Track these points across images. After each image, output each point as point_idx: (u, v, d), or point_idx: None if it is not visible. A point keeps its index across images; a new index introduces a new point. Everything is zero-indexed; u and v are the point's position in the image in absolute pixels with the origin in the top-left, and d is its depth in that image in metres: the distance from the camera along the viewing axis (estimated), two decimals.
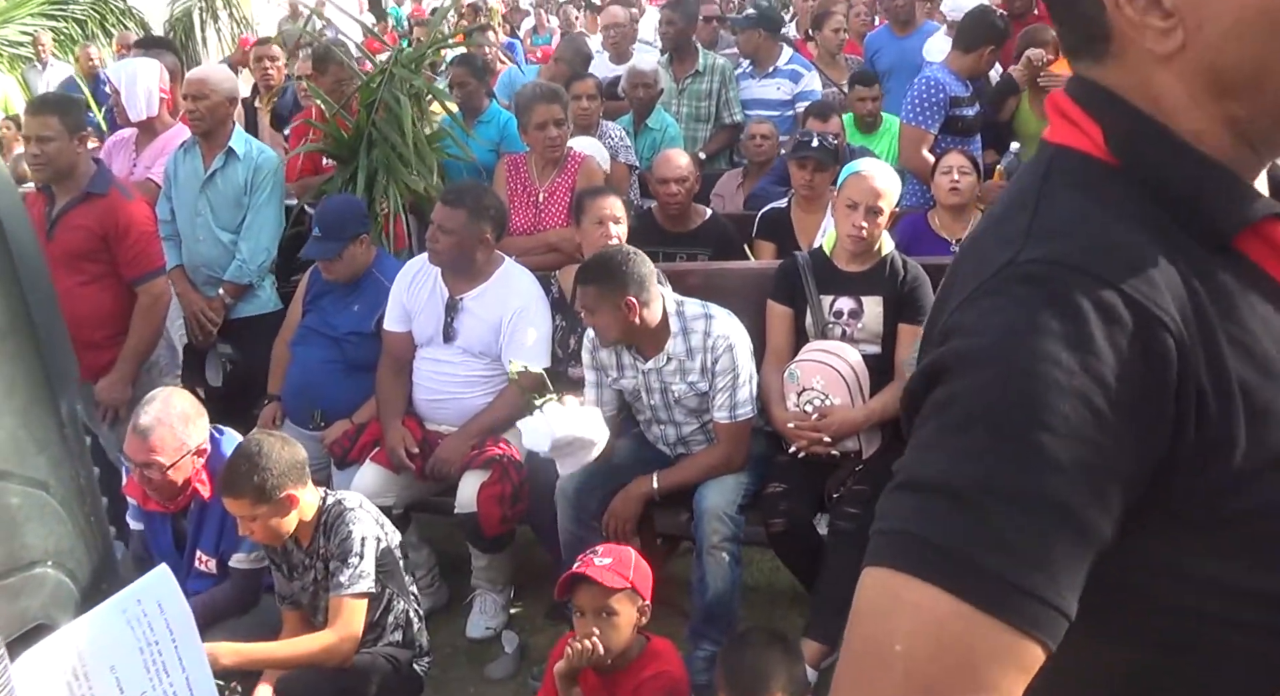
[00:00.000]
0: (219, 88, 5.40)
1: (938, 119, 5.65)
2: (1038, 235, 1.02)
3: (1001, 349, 0.97)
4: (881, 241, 4.27)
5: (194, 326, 5.35)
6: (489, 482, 4.30)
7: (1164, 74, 1.05)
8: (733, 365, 4.01)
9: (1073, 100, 1.12)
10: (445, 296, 4.60)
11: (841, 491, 4.06)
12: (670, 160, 5.48)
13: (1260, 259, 1.05)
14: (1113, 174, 1.07)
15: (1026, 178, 1.14)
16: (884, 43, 7.86)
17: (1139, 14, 1.02)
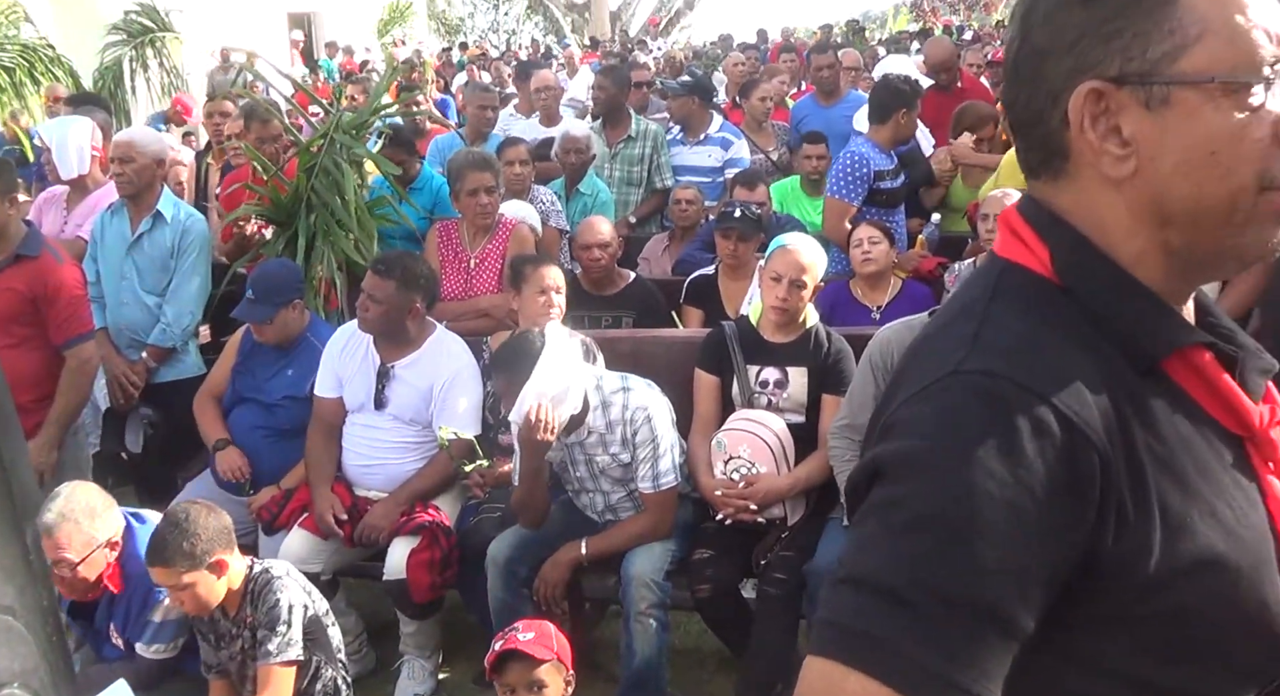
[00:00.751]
0: (146, 150, 5.39)
1: (861, 192, 5.78)
2: (981, 347, 1.11)
3: (941, 456, 1.05)
4: (806, 313, 4.38)
5: (115, 390, 5.30)
6: (418, 549, 4.31)
7: (1113, 197, 1.16)
8: (652, 435, 4.07)
9: (1024, 219, 1.22)
10: (377, 363, 4.63)
11: (768, 558, 4.14)
12: (592, 227, 5.58)
13: (1184, 383, 1.14)
14: (1056, 294, 1.16)
15: (974, 289, 1.23)
16: (810, 111, 8.07)
17: (1100, 139, 1.14)
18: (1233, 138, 1.10)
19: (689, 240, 6.44)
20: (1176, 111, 1.11)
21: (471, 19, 40.87)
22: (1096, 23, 1.13)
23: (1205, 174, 1.11)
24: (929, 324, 1.28)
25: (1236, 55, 1.10)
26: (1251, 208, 1.12)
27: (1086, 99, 1.13)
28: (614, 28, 30.97)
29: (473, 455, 4.51)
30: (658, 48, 22.67)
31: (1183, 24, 1.10)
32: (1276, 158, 1.11)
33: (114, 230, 5.42)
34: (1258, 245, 1.15)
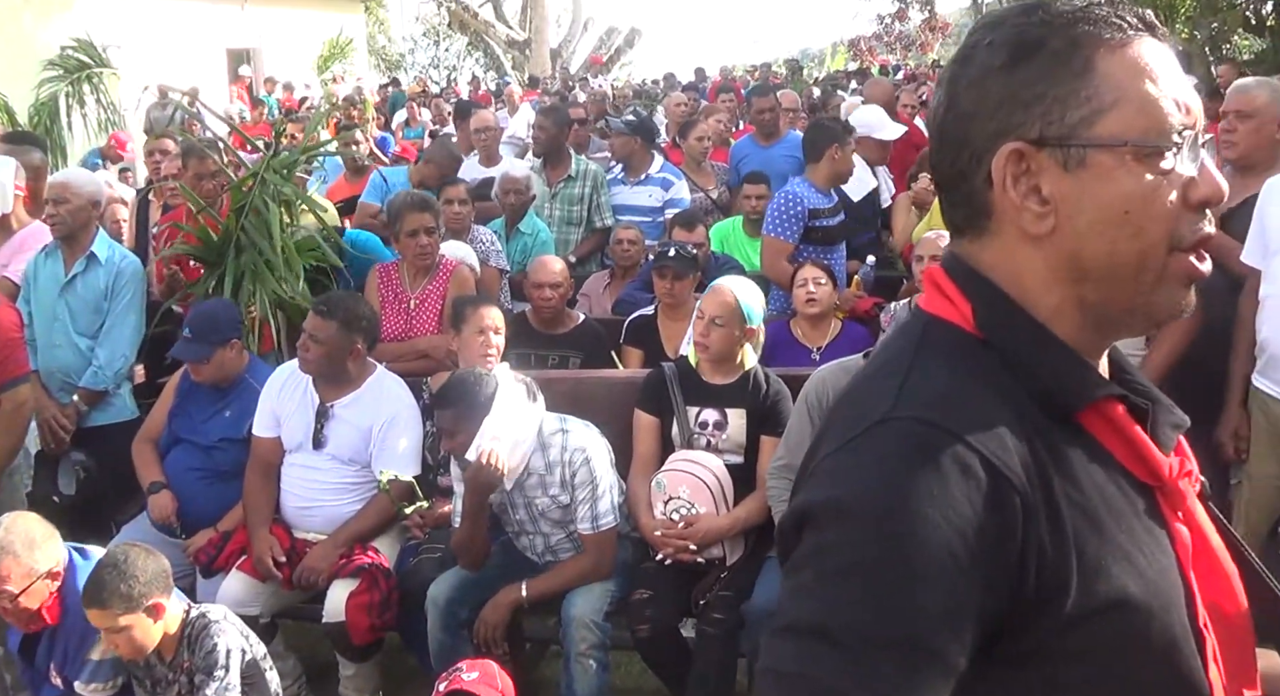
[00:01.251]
0: (80, 192, 5.34)
1: (797, 230, 5.86)
2: (908, 396, 1.16)
3: (871, 502, 1.09)
4: (744, 355, 4.43)
5: (46, 434, 5.21)
6: (358, 591, 4.30)
7: (1033, 253, 1.22)
8: (591, 477, 4.09)
9: (948, 275, 1.28)
10: (316, 402, 4.62)
11: (707, 597, 4.16)
12: (546, 266, 5.62)
13: (1099, 433, 1.20)
14: (977, 347, 1.22)
15: (900, 342, 1.29)
16: (750, 151, 8.17)
17: (1020, 198, 1.21)
18: (1144, 199, 1.17)
19: (630, 279, 6.49)
20: (1092, 173, 1.18)
21: (412, 55, 40.92)
22: (1019, 88, 1.20)
23: (1118, 232, 1.18)
24: (855, 376, 1.33)
25: (1148, 121, 1.18)
26: (1161, 268, 1.19)
27: (1009, 159, 1.20)
28: (554, 65, 31.10)
29: (412, 496, 4.51)
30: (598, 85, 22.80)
31: (1099, 91, 1.18)
32: (1185, 220, 1.19)
33: (47, 272, 5.36)
34: (1168, 305, 1.22)
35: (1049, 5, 1.23)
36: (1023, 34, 1.22)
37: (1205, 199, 1.19)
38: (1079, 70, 1.19)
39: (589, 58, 31.69)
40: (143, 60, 17.88)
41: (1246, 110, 4.42)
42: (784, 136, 8.08)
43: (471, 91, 24.36)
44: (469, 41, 37.82)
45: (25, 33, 16.71)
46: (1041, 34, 1.21)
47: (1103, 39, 1.20)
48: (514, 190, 6.80)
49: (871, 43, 33.19)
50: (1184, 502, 1.24)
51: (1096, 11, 1.21)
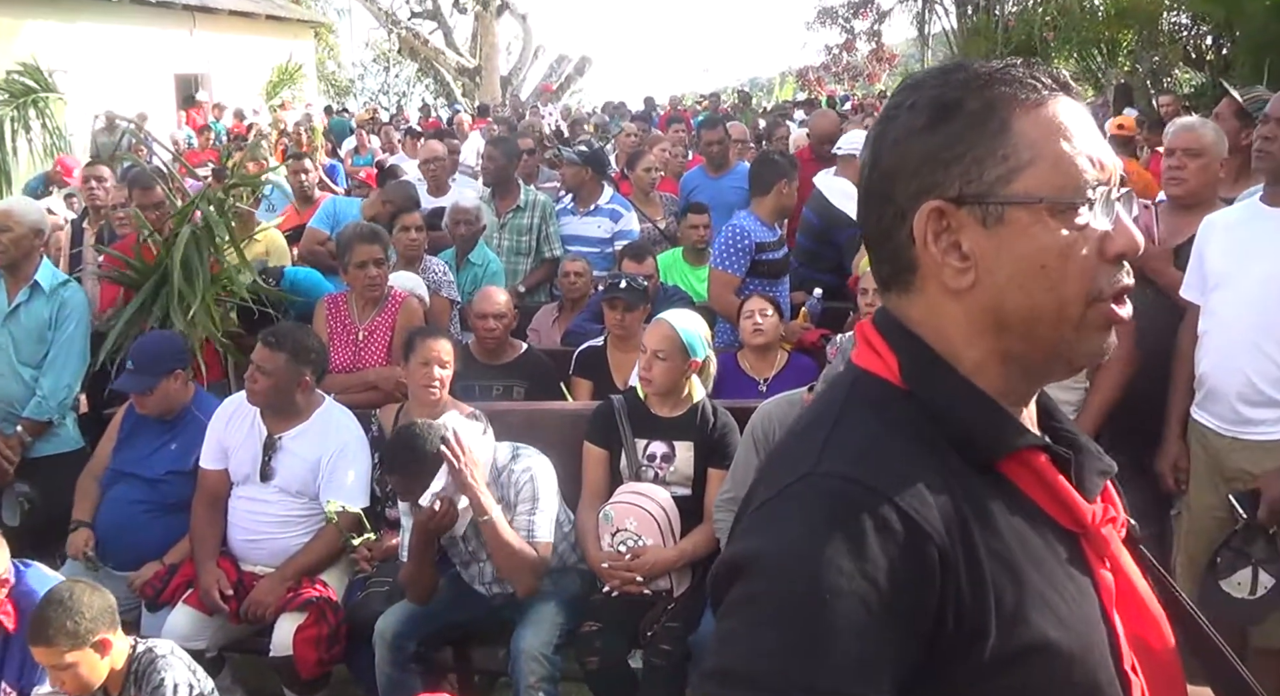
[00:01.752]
0: (23, 220, 5.31)
1: (744, 263, 5.92)
2: (831, 451, 1.20)
3: (793, 556, 1.13)
4: (692, 388, 4.46)
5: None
6: (305, 624, 4.29)
7: (955, 307, 1.26)
8: (533, 493, 4.13)
9: (877, 330, 1.33)
10: (263, 434, 4.61)
11: (655, 629, 4.17)
12: (490, 296, 5.63)
13: (1021, 482, 1.24)
14: (904, 398, 1.26)
15: (831, 394, 1.34)
16: (699, 182, 8.23)
17: (942, 254, 1.25)
18: (1060, 254, 1.21)
19: (578, 311, 6.51)
20: (1010, 229, 1.22)
21: (362, 81, 40.87)
22: (939, 148, 1.24)
23: (1036, 285, 1.22)
24: (789, 428, 1.37)
25: (1062, 179, 1.22)
26: (1080, 317, 1.23)
27: (929, 217, 1.24)
28: (505, 92, 31.15)
29: (360, 528, 4.51)
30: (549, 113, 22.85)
31: (1015, 150, 1.22)
32: (1103, 272, 1.23)
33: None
34: (1088, 351, 1.27)
35: (967, 67, 1.28)
36: (942, 95, 1.26)
37: (1121, 252, 1.23)
38: (996, 130, 1.23)
39: (539, 86, 31.75)
40: (90, 85, 17.77)
41: (1195, 148, 4.51)
42: (733, 168, 8.14)
43: (421, 119, 24.32)
44: (419, 68, 37.80)
45: None
46: (959, 95, 1.25)
47: (1018, 99, 1.24)
48: (464, 221, 6.82)
49: (819, 73, 33.44)
50: (1108, 548, 1.28)
51: (1013, 72, 1.26)
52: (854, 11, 31.47)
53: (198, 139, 17.91)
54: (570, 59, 33.50)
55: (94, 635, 3.38)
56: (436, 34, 34.40)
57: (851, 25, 31.72)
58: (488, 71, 32.26)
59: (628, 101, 24.02)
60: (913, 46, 34.02)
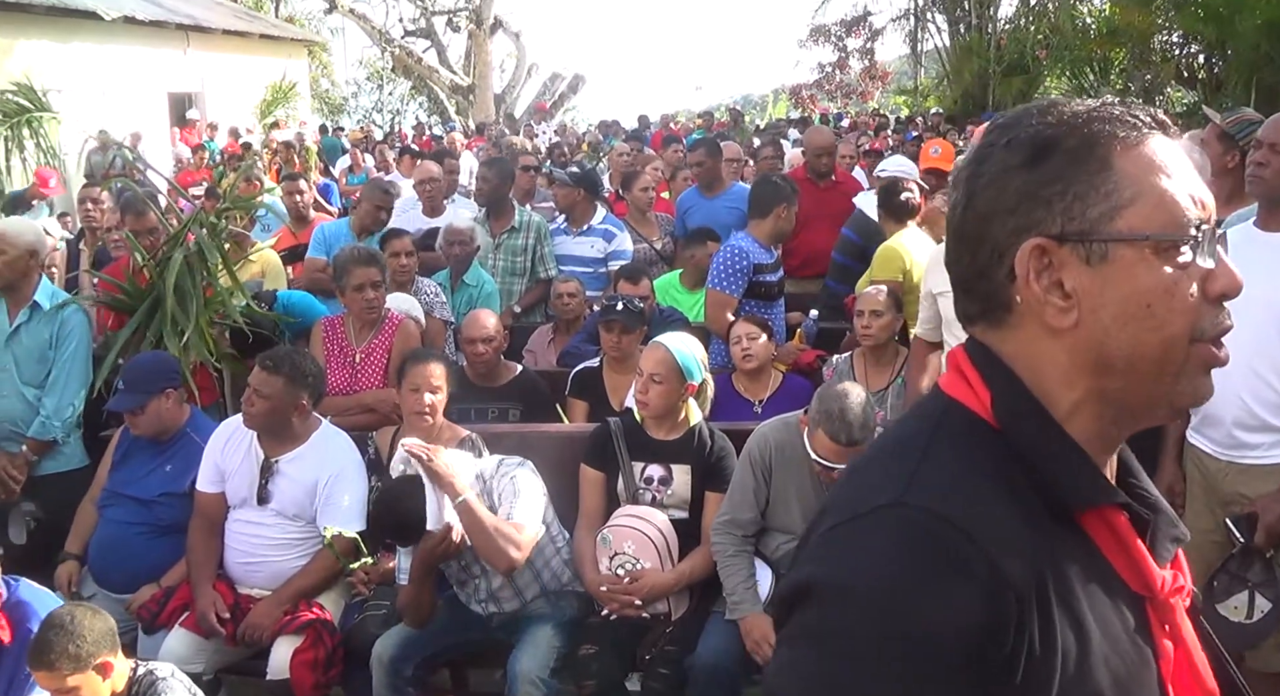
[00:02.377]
0: (17, 242, 5.31)
1: (741, 284, 5.91)
2: (920, 483, 1.19)
3: (873, 590, 1.12)
4: (689, 411, 4.47)
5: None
6: (302, 647, 4.28)
7: (1053, 346, 1.25)
8: (514, 490, 4.14)
9: (970, 361, 1.31)
10: (260, 458, 4.61)
11: (653, 652, 4.18)
12: (478, 321, 5.61)
13: (1097, 537, 1.23)
14: (992, 435, 1.25)
15: (919, 423, 1.31)
16: (694, 203, 8.22)
17: (1044, 292, 1.23)
18: (1165, 292, 1.20)
19: (573, 332, 6.52)
20: (1114, 267, 1.21)
21: (355, 99, 40.93)
22: (1038, 186, 1.24)
23: (1141, 325, 1.21)
24: (870, 449, 1.36)
25: (1166, 216, 1.21)
26: (1184, 358, 1.22)
27: (1032, 254, 1.23)
28: (498, 110, 31.22)
29: (357, 552, 4.51)
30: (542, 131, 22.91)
31: (1118, 187, 1.22)
32: (1206, 312, 1.22)
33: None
34: (1190, 393, 1.25)
35: (1061, 106, 1.27)
36: (1040, 133, 1.25)
37: (1223, 291, 1.22)
38: (1096, 168, 1.22)
39: (533, 103, 31.81)
40: (84, 104, 17.79)
41: None
42: (728, 188, 8.15)
43: (415, 137, 24.37)
44: (412, 86, 37.88)
45: None
46: (1057, 133, 1.24)
47: (1117, 137, 1.23)
48: (458, 242, 6.82)
49: (813, 91, 33.53)
50: (1172, 616, 1.27)
51: (1110, 111, 1.25)
52: (847, 30, 31.58)
53: (193, 157, 17.92)
54: (564, 77, 33.64)
55: (95, 658, 3.38)
56: (430, 52, 34.49)
57: (844, 43, 31.82)
58: (481, 89, 32.35)
59: (621, 119, 24.09)
60: (905, 64, 34.13)
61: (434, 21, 34.78)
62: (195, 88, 23.08)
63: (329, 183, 14.65)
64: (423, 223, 8.00)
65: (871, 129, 20.36)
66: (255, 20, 27.91)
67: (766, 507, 4.23)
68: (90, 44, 18.78)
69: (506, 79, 34.67)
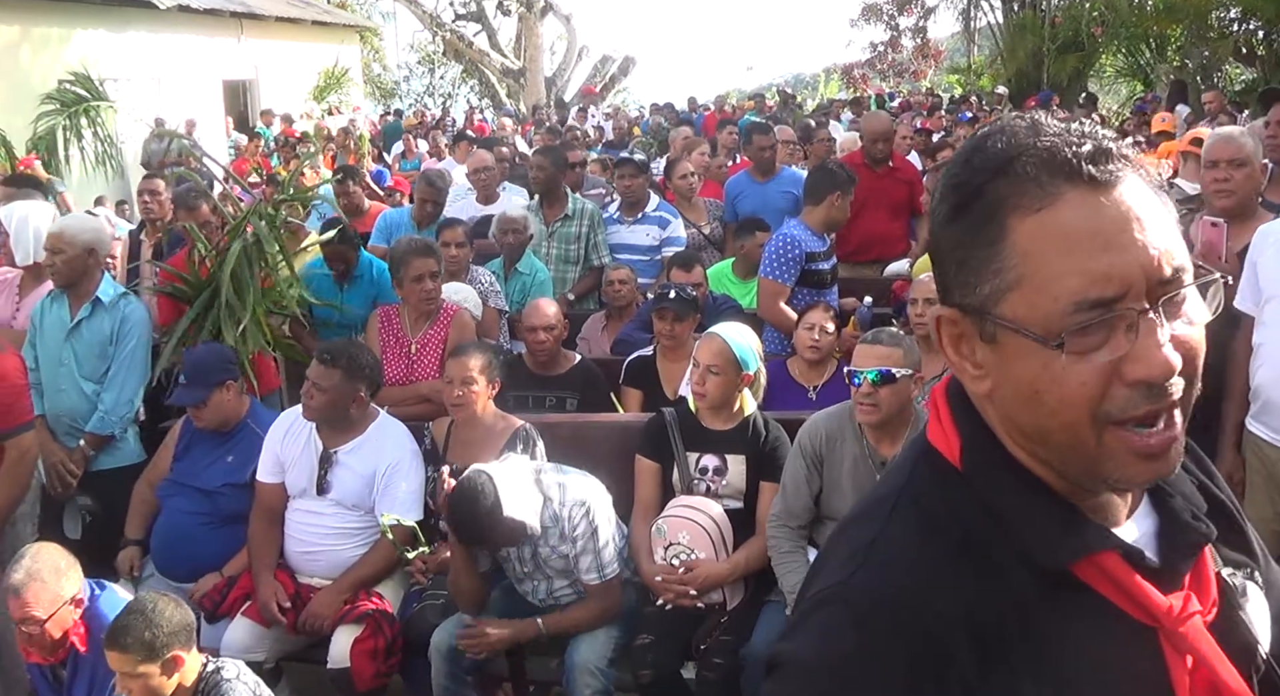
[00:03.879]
0: (76, 240, 5.36)
1: (794, 273, 5.91)
2: (870, 564, 1.19)
3: (815, 672, 1.15)
4: (743, 401, 4.48)
5: (53, 478, 5.25)
6: (362, 637, 4.35)
7: (988, 407, 1.22)
8: (591, 528, 4.13)
9: (946, 401, 1.28)
10: (319, 449, 4.67)
11: (708, 642, 4.21)
12: (539, 309, 5.64)
13: (1089, 580, 1.16)
14: (961, 488, 1.21)
15: (897, 475, 1.29)
16: (745, 188, 8.23)
17: (959, 358, 1.21)
18: (1053, 382, 1.11)
19: (626, 319, 6.53)
20: (1004, 350, 1.14)
21: (407, 82, 41.09)
22: (952, 246, 1.18)
23: (1036, 410, 1.13)
24: (855, 505, 1.36)
25: (1050, 306, 1.10)
26: (1094, 443, 1.12)
27: (943, 322, 1.20)
28: (549, 93, 31.23)
29: (414, 542, 4.56)
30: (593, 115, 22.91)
31: (1006, 265, 1.12)
32: (1113, 398, 1.10)
33: (53, 316, 5.40)
34: (1119, 476, 1.15)
35: (986, 150, 1.16)
36: (958, 185, 1.17)
37: (1143, 378, 1.09)
38: (993, 237, 1.13)
39: (583, 87, 31.79)
40: (140, 93, 18.01)
41: (1239, 158, 4.49)
42: (780, 173, 8.14)
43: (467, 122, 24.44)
44: (464, 69, 37.96)
45: (23, 67, 16.81)
46: (971, 188, 1.16)
47: (1020, 203, 1.12)
48: (512, 230, 6.84)
49: (865, 70, 33.27)
50: (1188, 642, 1.17)
51: (1024, 162, 1.13)
52: (899, 8, 31.29)
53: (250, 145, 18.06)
54: (614, 59, 33.60)
55: (168, 650, 3.42)
56: (481, 36, 34.55)
57: (897, 22, 31.53)
58: (532, 72, 32.38)
59: (674, 100, 24.04)
60: (958, 41, 33.80)
61: (484, 5, 34.81)
62: (249, 75, 23.26)
63: (382, 169, 14.72)
64: (476, 211, 8.03)
65: (925, 109, 20.19)
66: (308, 7, 28.02)
67: (820, 496, 4.23)
68: (145, 33, 18.97)
69: (557, 62, 34.71)
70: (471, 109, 30.37)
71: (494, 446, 4.63)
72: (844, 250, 7.80)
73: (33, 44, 17.20)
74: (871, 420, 4.05)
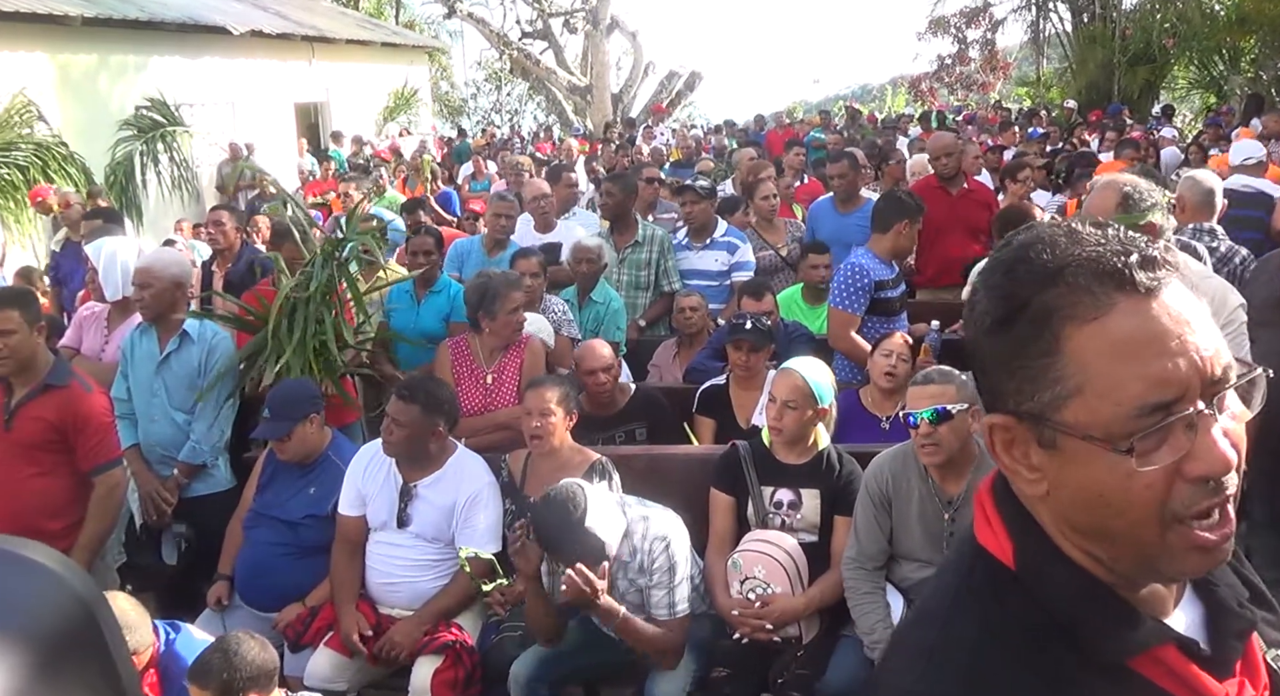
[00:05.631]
0: (163, 275, 5.51)
1: (863, 302, 5.90)
2: (936, 665, 1.22)
3: None
4: (818, 435, 4.51)
5: (149, 506, 5.40)
6: (442, 668, 4.42)
7: (1040, 507, 1.24)
8: (669, 564, 4.17)
9: (994, 503, 1.30)
10: (399, 482, 4.76)
11: (784, 676, 4.23)
12: (594, 351, 5.60)
13: (1146, 672, 1.19)
14: (1017, 592, 1.23)
15: (950, 577, 1.32)
16: (825, 214, 8.24)
17: (1012, 462, 1.23)
18: (1119, 487, 1.14)
19: (697, 346, 6.56)
20: (1065, 454, 1.17)
21: (474, 100, 41.39)
22: (1002, 355, 1.21)
23: (1100, 512, 1.16)
24: (915, 606, 1.40)
25: (1113, 411, 1.13)
26: (1159, 540, 1.15)
27: (995, 429, 1.22)
28: (616, 110, 31.35)
29: (493, 574, 4.63)
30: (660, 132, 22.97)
31: (1065, 373, 1.15)
32: (1178, 495, 1.13)
33: (143, 349, 5.55)
34: (1177, 569, 1.18)
35: (1031, 261, 1.19)
36: (1004, 298, 1.20)
37: (1205, 474, 1.13)
38: (1047, 348, 1.16)
39: (649, 104, 31.88)
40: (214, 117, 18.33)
41: None
42: (862, 205, 8.10)
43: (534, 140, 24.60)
44: (530, 86, 38.17)
45: (101, 94, 17.17)
46: (1020, 299, 1.18)
47: (1074, 313, 1.15)
48: (586, 259, 6.88)
49: (932, 83, 32.99)
50: None
51: (1073, 272, 1.16)
52: (967, 21, 31.06)
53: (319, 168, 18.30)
54: (680, 74, 33.58)
55: (244, 693, 3.51)
56: (547, 53, 34.74)
57: (964, 35, 31.28)
58: (599, 89, 32.48)
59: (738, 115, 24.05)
60: (1026, 51, 33.47)
61: (551, 23, 35.01)
62: (320, 97, 23.60)
63: (449, 190, 14.83)
64: (535, 239, 8.00)
65: (993, 122, 19.99)
66: (377, 28, 28.43)
67: (890, 537, 4.25)
68: (219, 58, 19.31)
69: (623, 78, 34.79)
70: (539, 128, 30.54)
71: None
72: (923, 276, 7.82)
73: (110, 71, 17.55)
74: (936, 460, 4.07)
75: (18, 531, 4.69)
